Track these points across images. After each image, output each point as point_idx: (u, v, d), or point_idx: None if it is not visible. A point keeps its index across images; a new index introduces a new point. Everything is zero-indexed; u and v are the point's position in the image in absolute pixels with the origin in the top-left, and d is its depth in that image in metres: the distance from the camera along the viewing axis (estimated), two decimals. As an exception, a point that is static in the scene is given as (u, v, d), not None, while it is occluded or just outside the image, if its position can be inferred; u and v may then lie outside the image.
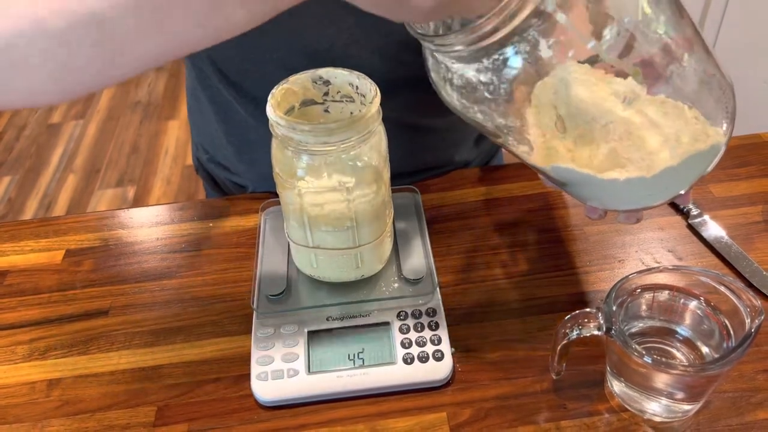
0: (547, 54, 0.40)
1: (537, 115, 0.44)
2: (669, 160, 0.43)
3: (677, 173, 0.44)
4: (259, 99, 0.67)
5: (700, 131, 0.43)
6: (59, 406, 0.53)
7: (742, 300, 0.46)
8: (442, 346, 0.54)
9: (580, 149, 0.44)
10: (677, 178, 0.45)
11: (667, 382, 0.46)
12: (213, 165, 0.81)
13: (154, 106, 2.47)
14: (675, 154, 0.43)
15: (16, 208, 2.04)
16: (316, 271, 0.58)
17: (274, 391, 0.52)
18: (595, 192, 0.47)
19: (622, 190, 0.45)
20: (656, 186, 0.45)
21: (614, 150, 0.44)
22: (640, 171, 0.43)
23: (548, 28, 0.39)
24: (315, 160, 0.50)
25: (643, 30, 0.41)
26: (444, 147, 0.76)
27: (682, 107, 0.43)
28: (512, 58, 0.40)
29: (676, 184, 0.46)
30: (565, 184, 0.48)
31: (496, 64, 0.41)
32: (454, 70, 0.43)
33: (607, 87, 0.42)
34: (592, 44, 0.40)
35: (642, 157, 0.43)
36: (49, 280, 0.64)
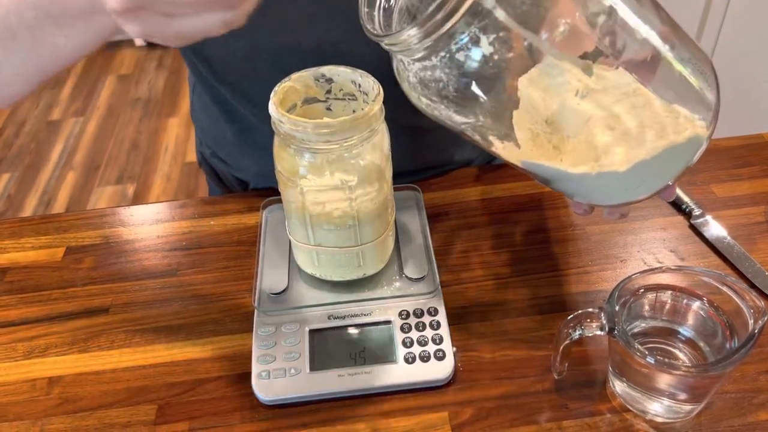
0: (489, 50, 0.40)
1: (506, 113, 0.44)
2: (642, 154, 0.42)
3: (653, 167, 0.43)
4: (257, 98, 0.67)
5: (676, 124, 0.43)
6: (59, 404, 0.53)
7: (745, 300, 0.46)
8: (443, 346, 0.53)
9: (552, 145, 0.44)
10: (655, 172, 0.44)
11: (670, 382, 0.46)
12: (216, 160, 0.81)
13: (154, 103, 2.46)
14: (648, 148, 0.42)
15: (16, 204, 2.04)
16: (318, 270, 0.57)
17: (275, 390, 0.52)
18: (574, 188, 0.48)
19: (596, 184, 0.45)
20: (632, 180, 0.44)
21: (587, 143, 0.43)
22: (612, 165, 0.43)
23: (490, 25, 0.39)
24: (317, 159, 0.49)
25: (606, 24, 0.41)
26: (444, 146, 0.76)
27: (655, 100, 0.42)
28: (458, 54, 0.41)
29: (655, 179, 0.45)
30: (546, 180, 0.48)
31: (443, 61, 0.41)
32: (410, 70, 0.44)
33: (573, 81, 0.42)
34: (536, 39, 0.41)
35: (613, 151, 0.43)
36: (50, 278, 0.64)
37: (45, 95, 2.54)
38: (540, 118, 0.44)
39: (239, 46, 0.62)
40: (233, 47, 0.61)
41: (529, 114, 0.44)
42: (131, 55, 2.76)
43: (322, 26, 0.59)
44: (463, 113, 0.45)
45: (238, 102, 0.70)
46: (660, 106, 0.42)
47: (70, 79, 2.63)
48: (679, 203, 0.67)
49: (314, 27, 0.59)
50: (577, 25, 0.41)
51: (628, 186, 0.45)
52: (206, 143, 0.82)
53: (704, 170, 0.71)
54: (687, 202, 0.66)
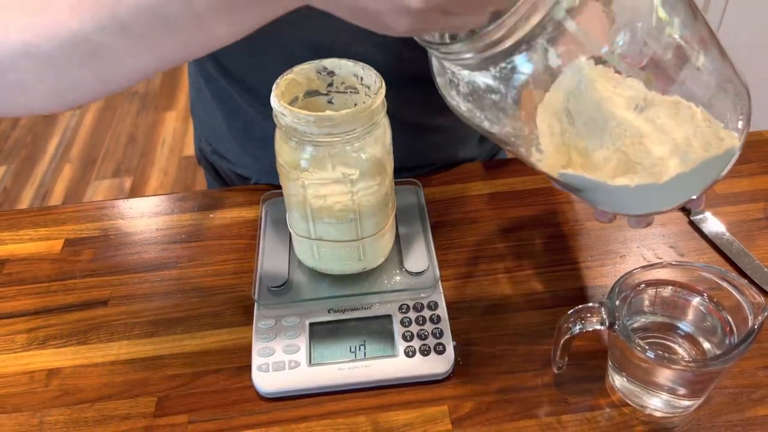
0: (556, 63, 0.39)
1: (547, 122, 0.43)
2: (681, 166, 0.42)
3: (689, 179, 0.43)
4: (262, 93, 0.66)
5: (714, 136, 0.42)
6: (58, 396, 0.53)
7: (745, 296, 0.46)
8: (443, 339, 0.53)
9: (591, 155, 0.44)
10: (689, 183, 0.44)
11: (669, 377, 0.46)
12: (216, 156, 0.81)
13: (151, 97, 2.45)
14: (687, 160, 0.42)
15: (12, 197, 2.03)
16: (318, 263, 0.57)
17: (275, 383, 0.52)
18: (606, 198, 0.47)
19: (632, 196, 0.44)
20: (667, 192, 0.44)
21: (625, 156, 0.43)
22: (651, 177, 0.42)
23: (557, 36, 0.38)
24: (319, 152, 0.49)
25: (656, 35, 0.40)
26: (447, 145, 0.76)
27: (695, 111, 0.42)
28: (520, 66, 0.39)
29: (688, 190, 0.45)
30: (577, 190, 0.47)
31: (504, 72, 0.40)
32: (460, 77, 0.43)
33: (619, 91, 0.42)
34: (605, 51, 0.39)
35: (653, 163, 0.42)
36: (48, 270, 0.64)
37: (41, 88, 2.53)
38: (580, 129, 0.43)
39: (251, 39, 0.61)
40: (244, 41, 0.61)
41: (567, 124, 0.43)
42: (128, 48, 2.75)
43: (332, 27, 0.59)
44: (513, 123, 0.43)
45: (241, 97, 0.69)
46: (701, 116, 0.42)
47: (66, 72, 2.61)
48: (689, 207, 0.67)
49: (325, 25, 0.59)
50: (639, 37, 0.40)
51: (663, 197, 0.45)
52: (206, 139, 0.82)
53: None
54: (687, 199, 0.66)
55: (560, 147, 0.44)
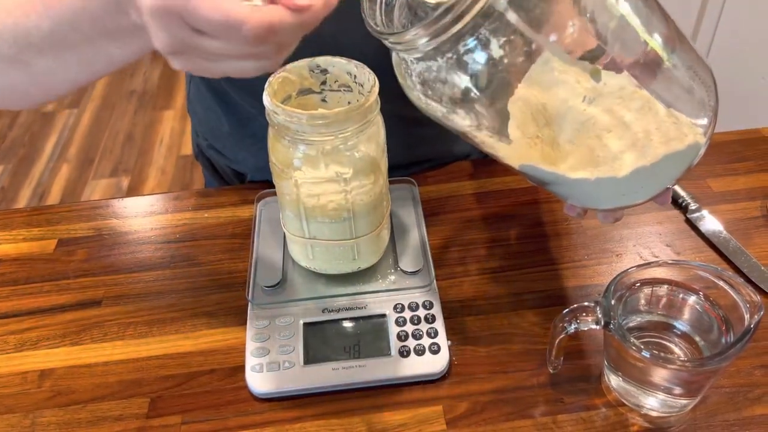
0: (499, 53, 0.39)
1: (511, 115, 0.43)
2: (641, 159, 0.42)
3: (651, 173, 0.43)
4: (255, 90, 0.66)
5: (677, 131, 0.42)
6: (51, 397, 0.53)
7: (741, 295, 0.45)
8: (438, 339, 0.53)
9: (553, 148, 0.44)
10: (652, 177, 0.44)
11: (665, 377, 0.46)
12: (212, 152, 0.81)
13: (149, 96, 2.45)
14: (647, 154, 0.42)
15: (9, 197, 2.03)
16: (313, 263, 0.57)
17: (269, 383, 0.52)
18: (569, 191, 0.47)
19: (593, 189, 0.45)
20: (629, 186, 0.44)
21: (586, 149, 0.43)
22: (611, 171, 0.43)
23: (500, 28, 0.38)
24: (312, 150, 0.49)
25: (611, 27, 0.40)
26: (441, 139, 0.75)
27: (657, 106, 0.42)
28: (465, 57, 0.40)
29: (652, 184, 0.45)
30: (542, 183, 0.47)
31: (450, 63, 0.40)
32: (412, 69, 0.43)
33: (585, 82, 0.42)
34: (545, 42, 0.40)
35: (613, 157, 0.42)
36: (42, 270, 0.64)
37: (39, 87, 2.52)
38: (540, 121, 0.43)
39: None
40: None
41: (529, 117, 0.43)
42: (126, 47, 2.74)
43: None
44: (466, 115, 0.44)
45: (236, 93, 0.69)
46: (662, 111, 0.42)
47: (64, 71, 2.61)
48: (675, 197, 0.67)
49: None
50: (585, 29, 0.40)
51: (625, 191, 0.45)
52: (202, 135, 0.82)
53: (701, 165, 0.70)
54: (683, 197, 0.66)
55: (523, 140, 0.44)
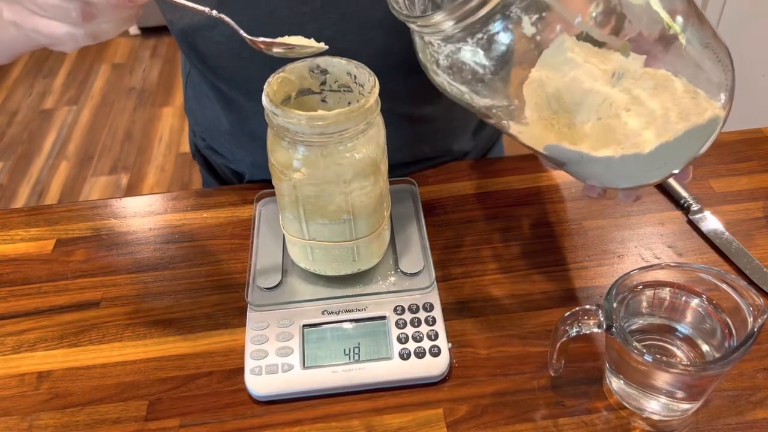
0: (531, 31, 0.39)
1: (531, 95, 0.43)
2: (664, 135, 0.42)
3: (674, 149, 0.43)
4: (252, 92, 0.66)
5: (696, 105, 0.43)
6: (49, 399, 0.53)
7: (744, 298, 0.45)
8: (438, 342, 0.53)
9: (575, 128, 0.44)
10: (674, 153, 0.44)
11: (667, 380, 0.46)
12: (210, 151, 0.80)
13: (148, 93, 2.44)
14: (670, 129, 0.42)
15: (8, 195, 2.02)
16: (312, 265, 0.57)
17: (268, 386, 0.51)
18: (592, 170, 0.47)
19: (618, 167, 0.45)
20: (653, 162, 0.44)
21: (609, 127, 0.43)
22: (635, 147, 0.43)
23: (531, 5, 0.39)
24: (311, 152, 0.48)
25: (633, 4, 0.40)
26: (440, 137, 0.75)
27: (675, 81, 0.42)
28: (496, 36, 0.40)
29: (675, 160, 0.45)
30: (562, 163, 0.47)
31: (481, 43, 0.40)
32: (440, 51, 0.43)
33: (601, 64, 0.42)
34: (578, 20, 0.40)
35: (636, 134, 0.42)
36: (40, 270, 0.63)
37: (38, 84, 2.52)
38: (554, 105, 0.43)
39: (233, 42, 0.61)
40: (226, 44, 0.61)
41: (544, 99, 0.43)
42: (125, 44, 2.74)
43: (315, 23, 0.58)
44: (494, 96, 0.44)
45: (234, 93, 0.69)
46: (681, 87, 0.42)
47: (63, 68, 2.60)
48: (677, 198, 0.66)
49: (308, 24, 0.58)
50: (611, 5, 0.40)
51: (649, 168, 0.45)
52: (200, 135, 0.81)
53: (703, 165, 0.71)
54: (685, 197, 0.66)
55: (544, 120, 0.44)
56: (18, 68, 2.61)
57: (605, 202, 0.67)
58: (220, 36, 0.60)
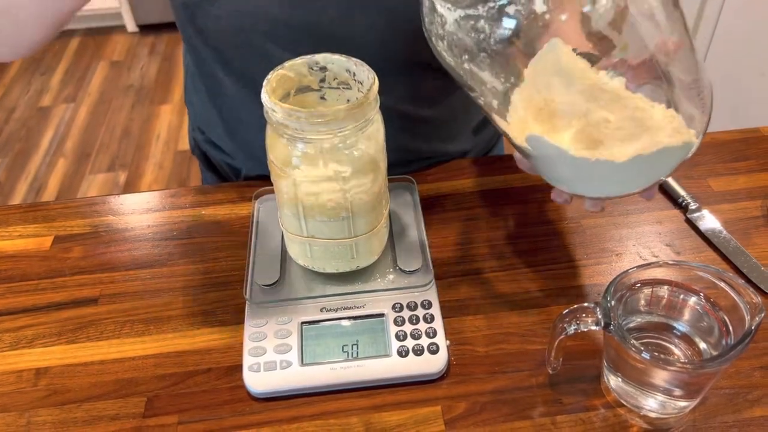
0: (542, 8, 0.40)
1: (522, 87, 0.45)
2: (641, 148, 0.44)
3: (646, 164, 0.45)
4: (249, 76, 0.66)
5: (673, 129, 0.44)
6: (47, 396, 0.52)
7: (742, 296, 0.45)
8: (437, 339, 0.53)
9: (559, 126, 0.45)
10: (645, 169, 0.46)
11: (665, 378, 0.46)
12: (209, 146, 0.80)
13: (146, 90, 2.44)
14: (648, 144, 0.44)
15: (6, 191, 2.02)
16: (311, 262, 0.57)
17: (266, 383, 0.51)
18: (564, 173, 0.48)
19: (589, 172, 0.46)
20: (624, 174, 0.46)
21: (590, 131, 0.44)
22: (611, 155, 0.44)
23: None
24: (310, 149, 0.48)
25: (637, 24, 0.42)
26: (440, 138, 0.75)
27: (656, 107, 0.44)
28: (507, 8, 0.41)
29: (643, 177, 0.47)
30: (537, 158, 0.48)
31: (491, 13, 0.41)
32: (446, 18, 0.44)
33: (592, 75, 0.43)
34: (588, 8, 0.41)
35: (617, 141, 0.44)
36: (38, 267, 0.63)
37: (35, 81, 2.51)
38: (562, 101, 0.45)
39: (234, 17, 0.61)
40: (227, 19, 0.60)
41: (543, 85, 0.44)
42: (123, 41, 2.73)
43: (320, 1, 0.58)
44: (493, 71, 0.45)
45: (230, 80, 0.68)
46: (661, 112, 0.44)
47: (61, 65, 2.60)
48: (675, 197, 0.66)
49: (314, 2, 0.58)
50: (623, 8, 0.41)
51: (618, 179, 0.47)
52: (199, 127, 0.81)
53: (701, 164, 0.71)
54: (683, 196, 0.66)
55: (533, 109, 0.45)
56: (15, 65, 2.61)
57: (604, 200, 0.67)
58: (220, 10, 0.60)
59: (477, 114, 0.77)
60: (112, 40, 2.74)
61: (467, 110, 0.75)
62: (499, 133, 0.84)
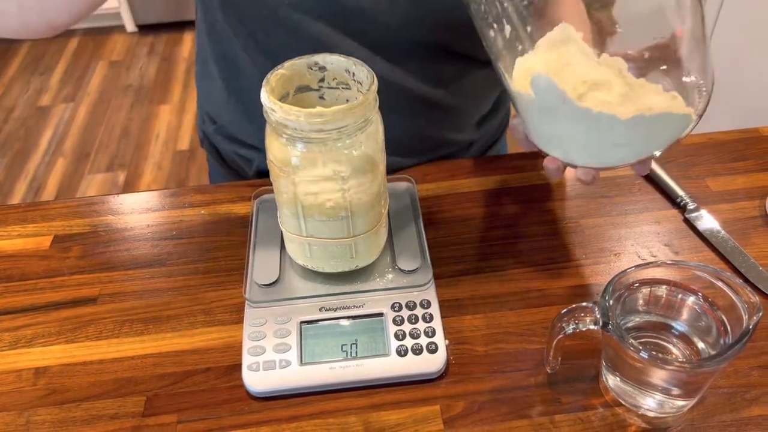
0: None
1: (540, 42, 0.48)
2: (644, 109, 0.46)
3: (645, 128, 0.47)
4: (271, 50, 0.65)
5: (675, 102, 0.47)
6: (46, 395, 0.53)
7: (739, 296, 0.45)
8: (436, 338, 0.53)
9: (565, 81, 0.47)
10: (643, 135, 0.48)
11: (663, 377, 0.46)
12: (219, 137, 0.79)
13: (145, 90, 2.44)
14: (651, 106, 0.46)
15: (5, 191, 2.02)
16: (310, 261, 0.57)
17: (265, 382, 0.51)
18: (562, 127, 0.49)
19: (590, 128, 0.47)
20: (622, 136, 0.47)
21: (596, 85, 0.46)
22: (613, 110, 0.45)
23: None
24: (310, 149, 0.49)
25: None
26: (450, 125, 0.75)
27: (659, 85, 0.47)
28: None
29: (639, 144, 0.48)
30: (536, 111, 0.49)
31: None
32: None
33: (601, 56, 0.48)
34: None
35: (622, 98, 0.46)
36: (37, 267, 0.63)
37: (34, 80, 2.51)
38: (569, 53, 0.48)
39: None
40: None
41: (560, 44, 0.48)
42: (123, 41, 2.73)
43: None
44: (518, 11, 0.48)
45: (249, 55, 0.68)
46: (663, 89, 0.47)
47: (60, 65, 2.60)
48: (673, 197, 0.67)
49: None
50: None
51: (616, 142, 0.48)
52: (210, 117, 0.80)
53: (700, 164, 0.71)
54: (682, 196, 0.66)
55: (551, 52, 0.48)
56: (15, 65, 2.61)
57: (602, 200, 0.67)
58: None
59: (484, 104, 0.78)
60: (112, 39, 2.74)
61: (477, 96, 0.76)
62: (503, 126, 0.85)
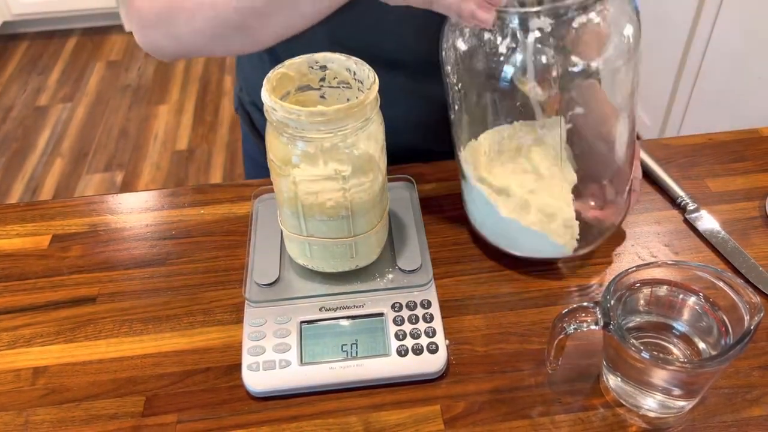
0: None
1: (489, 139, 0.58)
2: (535, 223, 0.56)
3: (529, 240, 0.57)
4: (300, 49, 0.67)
5: (568, 232, 0.57)
6: (45, 395, 0.52)
7: (741, 296, 0.45)
8: (436, 339, 0.53)
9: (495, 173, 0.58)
10: (527, 242, 0.58)
11: (664, 378, 0.46)
12: (253, 107, 0.81)
13: (144, 90, 2.43)
14: (540, 221, 0.56)
15: (2, 191, 2.01)
16: (310, 261, 0.57)
17: (265, 382, 0.51)
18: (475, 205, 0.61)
19: (497, 221, 0.58)
20: (519, 237, 0.58)
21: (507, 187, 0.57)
22: (515, 214, 0.56)
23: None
24: (310, 148, 0.48)
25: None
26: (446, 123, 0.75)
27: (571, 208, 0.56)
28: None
29: (521, 248, 0.59)
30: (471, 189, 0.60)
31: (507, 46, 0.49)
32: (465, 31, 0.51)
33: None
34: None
35: (522, 206, 0.56)
36: (35, 266, 0.63)
37: (32, 80, 2.51)
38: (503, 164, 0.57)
39: None
40: None
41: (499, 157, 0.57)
42: (121, 41, 2.73)
43: None
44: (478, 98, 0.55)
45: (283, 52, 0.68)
46: (572, 214, 0.56)
47: (58, 65, 2.59)
48: (673, 197, 0.67)
49: None
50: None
51: (510, 240, 0.59)
52: (246, 90, 0.82)
53: (699, 164, 0.71)
54: (682, 196, 0.66)
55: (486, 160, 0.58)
56: (13, 65, 2.60)
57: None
58: None
59: None
60: (110, 39, 2.74)
61: None
62: None
